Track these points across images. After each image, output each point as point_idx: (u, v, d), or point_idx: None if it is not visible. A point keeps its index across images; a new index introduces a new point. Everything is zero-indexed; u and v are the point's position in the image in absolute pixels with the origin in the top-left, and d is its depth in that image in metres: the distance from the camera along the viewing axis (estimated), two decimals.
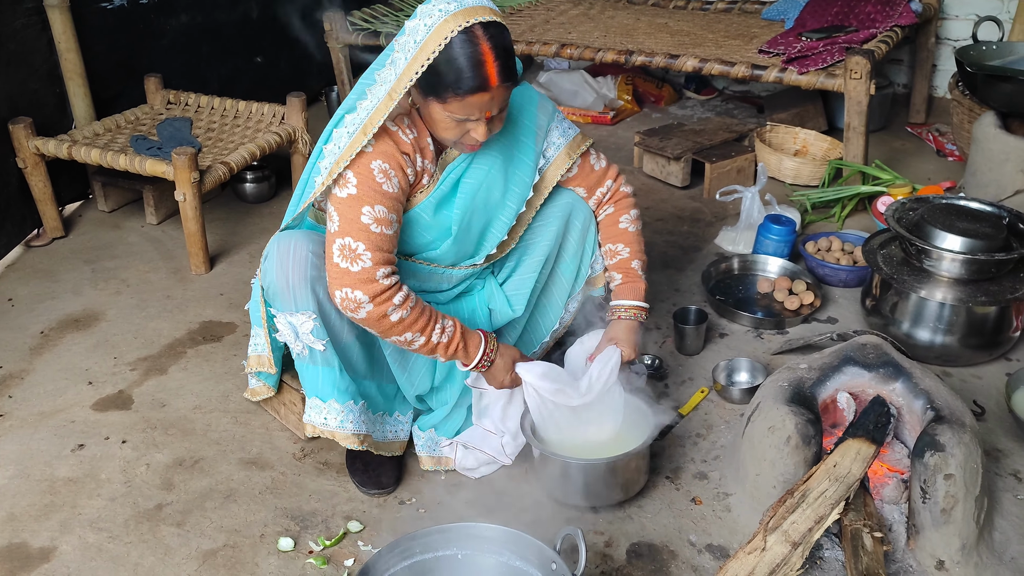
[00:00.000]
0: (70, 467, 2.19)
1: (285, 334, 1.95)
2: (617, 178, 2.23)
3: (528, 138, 2.04)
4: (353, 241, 1.83)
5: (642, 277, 2.22)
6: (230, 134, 3.35)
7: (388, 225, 1.87)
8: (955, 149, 3.84)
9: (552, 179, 2.12)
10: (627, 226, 2.22)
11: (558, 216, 2.20)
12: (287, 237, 1.91)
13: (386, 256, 1.88)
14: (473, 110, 1.78)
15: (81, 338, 2.71)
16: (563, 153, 2.10)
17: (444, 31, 1.71)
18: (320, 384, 1.99)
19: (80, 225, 3.37)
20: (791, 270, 2.91)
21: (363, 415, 2.04)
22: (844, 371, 2.10)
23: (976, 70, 2.99)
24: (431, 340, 1.93)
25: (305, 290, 1.88)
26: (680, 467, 2.18)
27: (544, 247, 2.20)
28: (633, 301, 2.19)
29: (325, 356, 1.96)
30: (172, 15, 3.60)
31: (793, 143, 3.79)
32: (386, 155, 1.86)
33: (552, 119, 2.08)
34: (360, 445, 2.03)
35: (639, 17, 4.27)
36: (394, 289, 1.88)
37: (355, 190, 1.84)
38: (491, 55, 1.72)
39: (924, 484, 1.84)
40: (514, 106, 2.01)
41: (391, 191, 1.87)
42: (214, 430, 2.32)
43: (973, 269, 2.40)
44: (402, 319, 1.88)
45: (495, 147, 1.99)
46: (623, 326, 2.17)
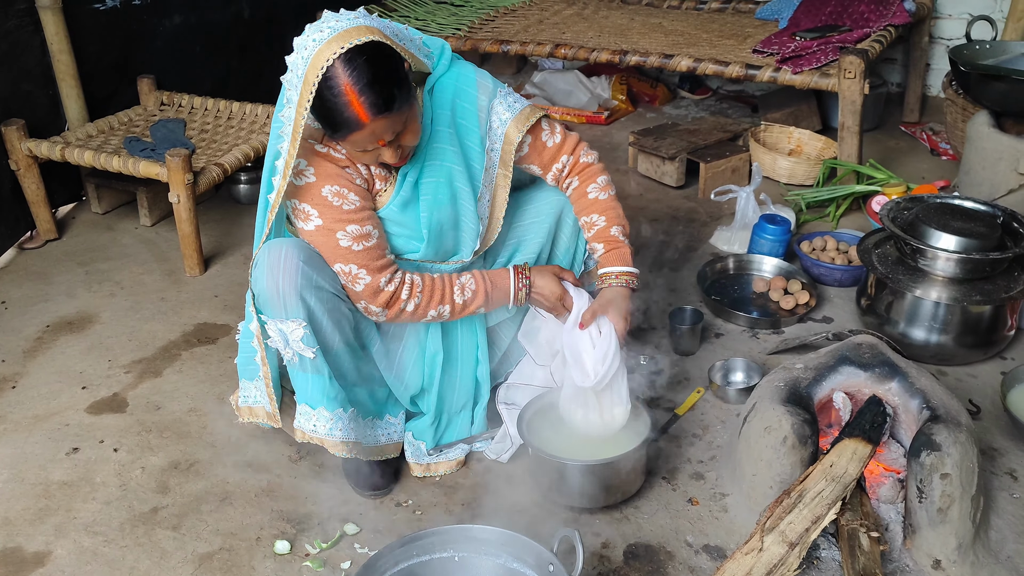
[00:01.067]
0: (65, 471, 2.19)
1: (276, 341, 1.94)
2: (574, 151, 2.14)
3: (470, 121, 1.99)
4: (344, 266, 1.91)
5: (626, 243, 2.15)
6: (224, 135, 3.34)
7: (368, 237, 1.91)
8: (949, 148, 3.85)
9: (508, 157, 2.04)
10: (597, 194, 2.15)
11: (549, 213, 2.21)
12: (277, 245, 1.89)
13: (380, 264, 1.93)
14: (364, 144, 1.79)
15: (75, 341, 2.70)
16: (511, 127, 2.02)
17: (317, 67, 1.68)
18: (310, 391, 1.98)
19: (73, 227, 3.36)
20: (786, 270, 2.91)
21: (352, 422, 2.03)
22: (840, 371, 2.11)
23: (970, 69, 3.00)
24: (457, 303, 2.02)
25: (295, 298, 1.87)
26: (677, 467, 2.17)
27: (535, 243, 2.21)
28: (622, 267, 2.12)
29: (315, 363, 1.94)
30: (165, 16, 3.59)
31: (787, 142, 3.80)
32: (330, 177, 1.88)
33: (494, 96, 2.01)
34: (348, 453, 2.02)
35: (633, 17, 4.26)
36: (399, 287, 1.95)
37: (320, 220, 1.89)
38: (353, 94, 1.69)
39: (920, 483, 1.84)
40: (450, 91, 1.97)
41: (353, 207, 1.90)
42: (209, 433, 2.31)
43: (968, 268, 2.40)
44: (418, 305, 1.98)
45: (443, 140, 1.96)
46: (614, 293, 2.10)
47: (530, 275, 2.09)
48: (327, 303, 1.91)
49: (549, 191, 2.22)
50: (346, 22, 1.72)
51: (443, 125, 1.97)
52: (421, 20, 4.19)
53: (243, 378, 2.15)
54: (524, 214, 2.23)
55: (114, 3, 3.38)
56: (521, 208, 2.23)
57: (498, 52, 3.86)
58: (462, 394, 2.22)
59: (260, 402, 2.12)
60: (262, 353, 2.02)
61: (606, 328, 2.05)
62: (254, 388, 2.12)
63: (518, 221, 2.23)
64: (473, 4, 4.48)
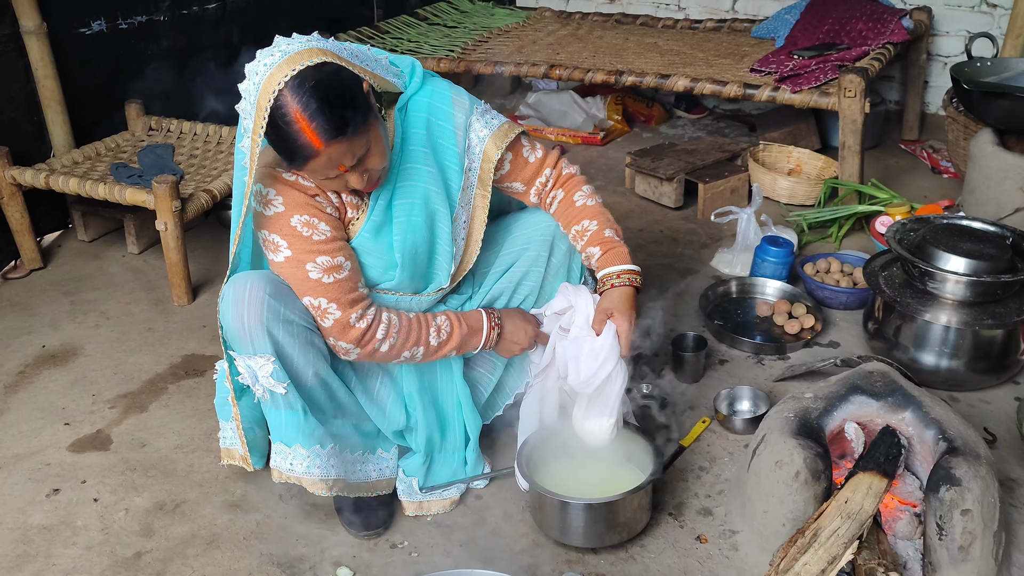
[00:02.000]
0: (44, 514, 2.09)
1: (245, 377, 1.86)
2: (556, 164, 2.08)
3: (446, 139, 1.93)
4: (313, 299, 1.84)
5: (621, 243, 2.06)
6: (213, 160, 3.27)
7: (339, 269, 1.84)
8: (950, 166, 3.80)
9: (488, 175, 1.97)
10: (584, 201, 2.07)
11: (539, 239, 2.14)
12: (242, 279, 1.82)
13: (351, 298, 1.86)
14: (324, 171, 1.71)
15: (58, 375, 2.61)
16: (490, 144, 1.96)
17: (268, 93, 1.62)
18: (284, 428, 1.89)
19: (59, 256, 3.28)
20: (790, 293, 2.84)
21: (332, 459, 1.93)
22: (851, 400, 2.03)
23: (972, 87, 2.94)
24: (431, 345, 1.97)
25: (261, 333, 1.78)
26: (683, 503, 2.09)
27: (525, 269, 2.15)
28: (622, 265, 2.02)
29: (287, 399, 1.86)
30: (152, 40, 3.53)
31: (787, 162, 3.74)
32: (299, 207, 1.81)
33: (470, 113, 1.94)
34: (329, 491, 1.93)
35: (628, 37, 4.22)
36: (373, 326, 1.88)
37: (289, 251, 1.82)
38: (304, 120, 1.62)
39: (940, 520, 1.76)
40: (424, 109, 1.90)
41: (324, 237, 1.82)
42: (196, 471, 2.22)
43: (978, 291, 2.33)
44: (392, 346, 1.91)
45: (417, 159, 1.90)
46: (618, 294, 1.99)
47: (500, 319, 2.07)
48: (297, 336, 1.83)
49: (539, 215, 2.14)
50: (297, 45, 1.67)
51: (417, 144, 1.90)
52: (414, 42, 4.14)
53: (220, 418, 2.08)
54: (514, 240, 2.15)
55: (100, 27, 3.32)
56: (511, 234, 2.16)
57: (492, 73, 3.81)
58: (450, 434, 2.14)
59: (231, 444, 2.06)
60: (231, 395, 1.95)
61: (606, 329, 1.95)
62: (229, 429, 2.05)
63: (508, 248, 2.15)
64: (466, 25, 4.43)
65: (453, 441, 2.14)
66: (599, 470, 2.08)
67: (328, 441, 1.93)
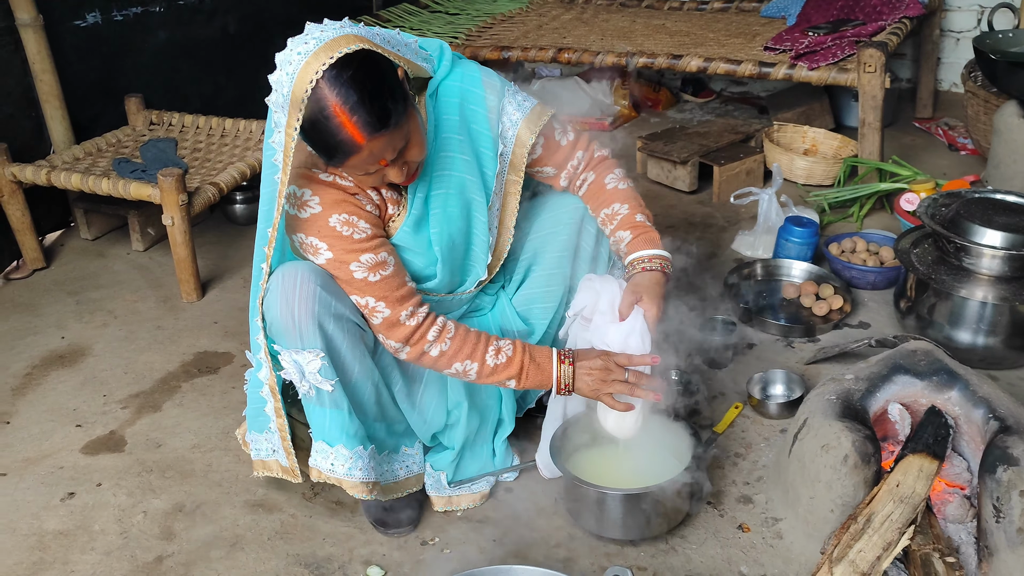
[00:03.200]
0: (60, 519, 2.01)
1: (290, 372, 1.78)
2: (589, 147, 2.01)
3: (480, 125, 1.83)
4: (361, 298, 1.76)
5: (652, 228, 1.98)
6: (218, 153, 3.18)
7: (384, 266, 1.75)
8: (968, 143, 3.73)
9: (520, 160, 1.88)
10: (616, 184, 2.00)
11: (567, 223, 2.04)
12: (291, 269, 1.73)
13: (400, 295, 1.76)
14: (364, 167, 1.62)
15: (67, 376, 2.53)
16: (523, 128, 1.86)
17: (303, 84, 1.52)
18: (328, 427, 1.81)
19: (62, 255, 3.20)
20: (816, 274, 2.77)
21: (372, 460, 1.86)
22: (894, 380, 1.96)
23: (999, 57, 2.86)
24: (487, 364, 1.82)
25: (311, 327, 1.71)
26: (722, 491, 2.02)
27: (555, 255, 2.04)
28: (652, 250, 1.94)
29: (333, 397, 1.78)
30: (148, 32, 3.44)
31: (802, 142, 3.66)
32: (337, 205, 1.72)
33: (503, 96, 1.85)
34: (369, 495, 1.86)
35: (635, 19, 4.14)
36: (426, 326, 1.78)
37: (330, 253, 1.73)
38: (344, 114, 1.53)
39: (997, 502, 1.69)
40: (458, 95, 1.81)
41: (364, 235, 1.73)
42: (215, 471, 2.14)
43: (1016, 266, 2.27)
44: (443, 352, 1.79)
45: (452, 147, 1.81)
46: (648, 278, 1.90)
47: (572, 353, 1.85)
48: (347, 332, 1.75)
49: (567, 198, 2.05)
50: (331, 32, 1.55)
51: (451, 132, 1.81)
52: (416, 30, 4.05)
53: (252, 430, 1.97)
54: (541, 224, 2.06)
55: (95, 19, 3.23)
56: (538, 218, 2.07)
57: (499, 59, 3.72)
58: (484, 427, 2.06)
59: (274, 455, 1.94)
60: (275, 404, 1.85)
61: (633, 313, 1.86)
62: (265, 440, 1.95)
63: (536, 232, 2.06)
64: (469, 12, 4.34)
65: (484, 432, 2.06)
66: (633, 459, 2.00)
67: (368, 443, 1.86)
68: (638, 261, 1.94)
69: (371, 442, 1.87)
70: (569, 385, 1.84)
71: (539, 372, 1.84)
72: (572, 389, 1.85)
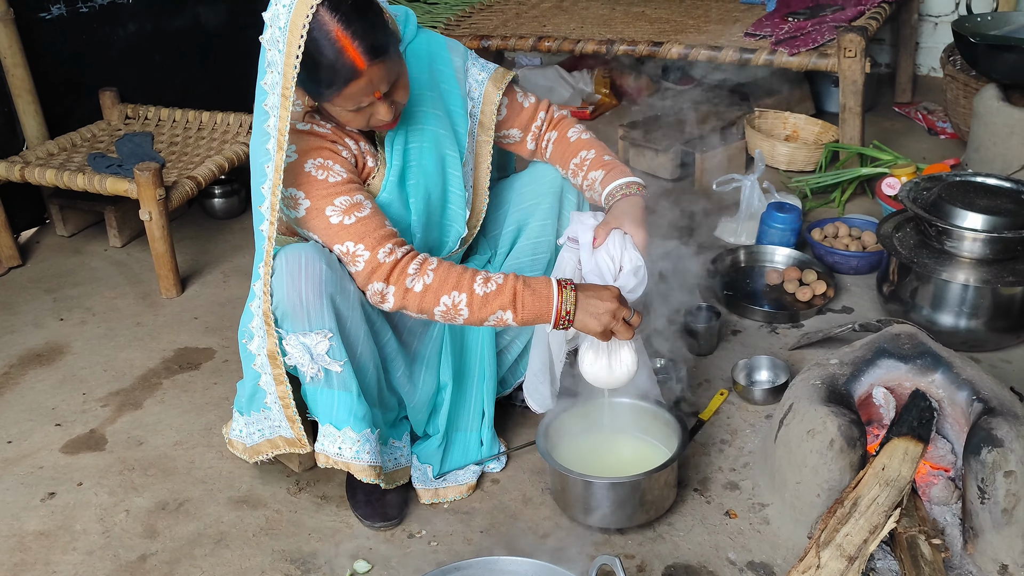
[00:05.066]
0: (41, 519, 1.99)
1: (296, 357, 1.76)
2: (549, 108, 2.07)
3: (450, 84, 1.91)
4: (340, 245, 1.74)
5: (622, 164, 1.99)
6: (195, 147, 3.15)
7: (359, 207, 1.74)
8: (947, 127, 3.74)
9: (489, 119, 1.96)
10: (579, 135, 2.04)
11: (548, 192, 2.08)
12: (295, 251, 1.73)
13: (379, 235, 1.73)
14: (359, 98, 1.64)
15: (45, 374, 2.49)
16: (490, 86, 1.96)
17: (303, 11, 1.54)
18: (335, 410, 1.80)
19: (38, 252, 3.15)
20: (799, 259, 2.77)
21: (377, 444, 1.86)
22: (878, 364, 1.96)
23: (979, 40, 2.87)
24: (476, 293, 1.70)
25: (320, 307, 1.70)
26: (708, 477, 2.02)
27: (539, 224, 2.08)
28: (627, 178, 1.93)
29: (342, 378, 1.77)
30: (118, 24, 3.37)
31: (783, 128, 3.66)
32: (312, 151, 1.74)
33: (466, 58, 1.96)
34: (377, 478, 1.85)
35: (615, 7, 4.11)
36: (405, 260, 1.73)
37: (308, 202, 1.73)
38: (347, 38, 1.57)
39: (982, 483, 1.69)
40: (426, 56, 1.89)
41: (340, 179, 1.74)
42: (198, 467, 2.12)
43: (998, 248, 2.27)
44: (427, 286, 1.72)
45: (426, 103, 1.86)
46: (626, 204, 1.88)
47: (575, 287, 1.73)
48: (355, 310, 1.76)
49: (544, 169, 2.10)
50: None
51: (423, 88, 1.87)
52: None
53: (245, 413, 1.95)
54: (522, 197, 2.11)
55: (60, 11, 3.17)
56: (519, 191, 2.12)
57: (478, 48, 3.69)
58: (471, 413, 2.05)
59: (278, 431, 1.90)
60: (276, 371, 1.80)
61: (627, 240, 1.83)
62: (258, 422, 1.93)
63: (518, 203, 2.11)
64: (447, 1, 4.31)
65: (470, 419, 2.05)
66: (620, 447, 2.01)
67: (375, 427, 1.85)
68: (615, 191, 1.94)
69: (376, 427, 1.86)
70: (571, 313, 1.71)
71: (536, 299, 1.71)
72: (572, 320, 1.72)
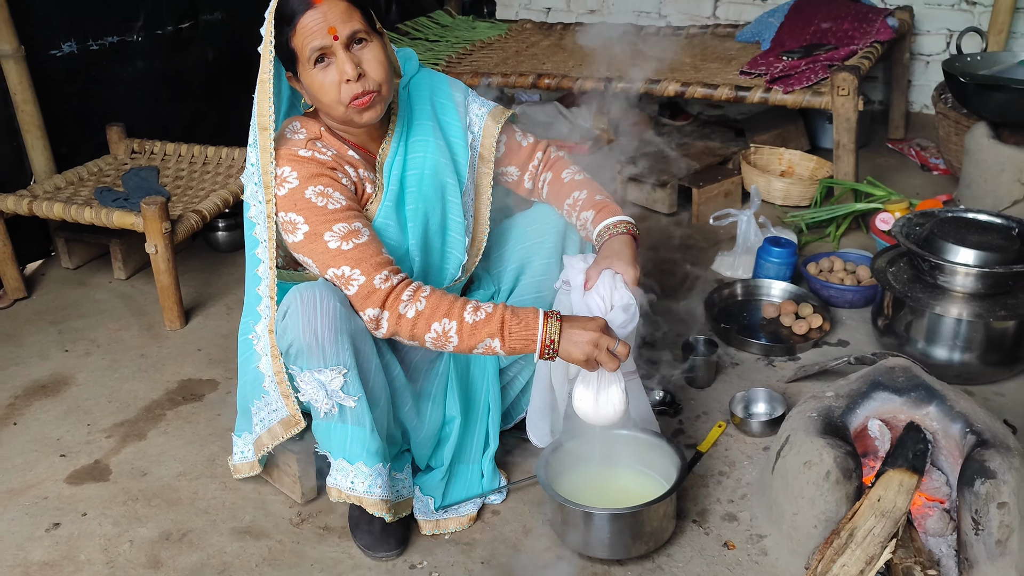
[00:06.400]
0: (45, 549, 2.00)
1: (310, 393, 1.80)
2: (547, 149, 2.14)
3: (449, 116, 2.00)
4: (336, 269, 1.78)
5: (613, 202, 2.03)
6: (200, 181, 3.20)
7: (357, 234, 1.79)
8: (940, 163, 3.80)
9: (489, 152, 2.04)
10: (572, 176, 2.10)
11: (552, 231, 2.14)
12: (308, 289, 1.77)
13: (374, 262, 1.78)
14: (315, 34, 1.72)
15: (50, 405, 2.52)
16: (489, 120, 2.03)
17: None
18: (349, 445, 1.83)
19: (44, 284, 3.18)
20: (795, 293, 2.81)
21: (388, 478, 1.89)
22: (874, 397, 1.99)
23: (969, 80, 2.94)
24: (465, 321, 1.75)
25: (335, 344, 1.74)
26: (706, 509, 2.04)
27: (542, 263, 2.13)
28: (617, 217, 1.97)
29: (356, 413, 1.80)
30: (127, 62, 3.44)
31: (778, 164, 3.72)
32: (312, 178, 1.80)
33: (467, 94, 2.05)
34: (387, 512, 1.88)
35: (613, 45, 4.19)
36: (400, 287, 1.79)
37: (306, 227, 1.79)
38: None
39: (976, 515, 1.72)
40: (426, 88, 1.99)
41: (339, 206, 1.80)
42: (202, 498, 2.14)
43: (990, 283, 2.31)
44: (419, 313, 1.77)
45: (426, 132, 1.95)
46: (616, 242, 1.92)
47: (560, 317, 1.79)
48: (367, 345, 1.81)
49: (548, 210, 2.15)
50: None
51: (424, 118, 1.95)
52: None
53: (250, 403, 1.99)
54: (526, 235, 2.17)
55: (71, 49, 3.24)
56: (523, 229, 2.18)
57: (479, 85, 3.77)
58: (474, 446, 2.09)
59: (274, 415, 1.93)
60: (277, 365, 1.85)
61: (617, 280, 1.86)
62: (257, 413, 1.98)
63: (522, 241, 2.17)
64: (448, 39, 4.40)
65: (472, 451, 2.08)
66: (619, 478, 2.03)
67: (387, 461, 1.88)
68: (604, 230, 1.99)
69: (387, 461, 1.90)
70: (555, 342, 1.76)
71: (523, 328, 1.75)
72: (557, 350, 1.77)
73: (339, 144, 1.88)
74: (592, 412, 1.87)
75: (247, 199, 1.86)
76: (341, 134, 1.90)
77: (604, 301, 1.87)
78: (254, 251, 1.87)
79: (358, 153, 1.91)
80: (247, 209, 1.87)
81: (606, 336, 1.77)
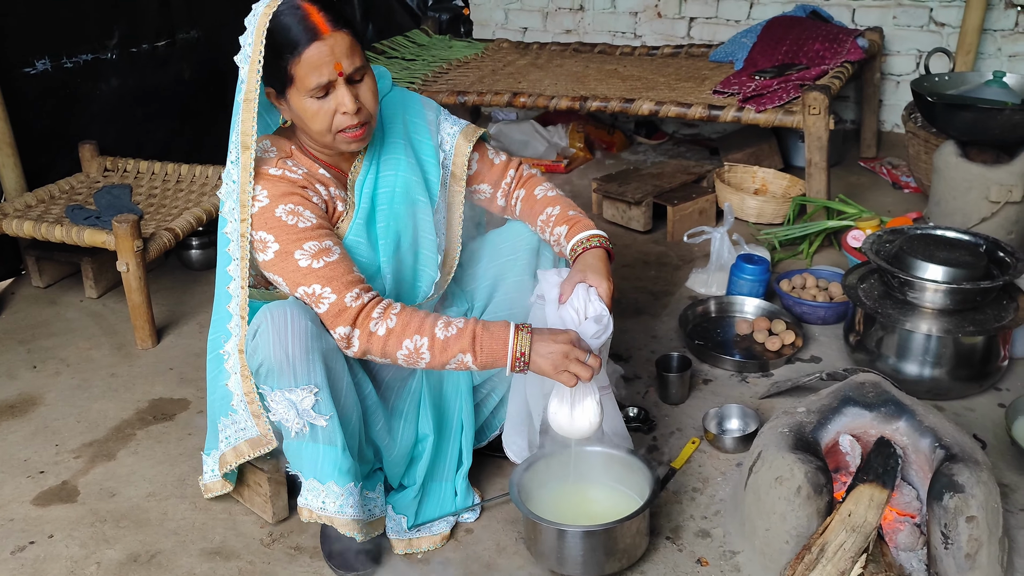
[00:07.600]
0: (11, 572, 1.97)
1: (280, 413, 1.79)
2: (519, 167, 2.15)
3: (421, 134, 2.00)
4: (307, 287, 1.78)
5: (586, 218, 2.04)
6: (173, 199, 3.18)
7: (328, 252, 1.79)
8: (911, 181, 3.85)
9: (461, 170, 2.04)
10: (545, 192, 2.10)
11: (525, 248, 2.14)
12: (279, 308, 1.76)
13: (345, 281, 1.78)
14: (321, 68, 1.71)
15: (18, 426, 2.48)
16: (460, 139, 2.04)
17: (268, 12, 1.71)
18: (320, 464, 1.82)
19: (13, 303, 3.15)
20: (768, 310, 2.83)
21: (360, 498, 1.88)
22: (844, 412, 2.00)
23: (937, 99, 2.98)
24: (437, 337, 1.76)
25: (306, 363, 1.74)
26: (680, 525, 2.04)
27: (515, 280, 2.13)
28: (589, 231, 1.98)
29: (327, 432, 1.79)
30: (101, 79, 3.43)
31: (752, 182, 3.76)
32: (283, 196, 1.80)
33: (439, 113, 2.05)
34: (359, 532, 1.86)
35: (588, 64, 4.23)
36: (371, 305, 1.79)
37: (277, 245, 1.78)
38: (313, 8, 1.71)
39: (945, 529, 1.73)
40: (399, 106, 1.99)
41: (309, 224, 1.79)
42: (171, 519, 2.11)
43: (958, 299, 2.34)
44: (390, 330, 1.77)
45: (398, 150, 1.95)
46: (589, 257, 1.93)
47: (531, 330, 1.80)
48: (339, 364, 1.80)
49: (522, 227, 2.15)
50: None
51: (396, 137, 1.96)
52: None
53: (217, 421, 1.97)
54: (499, 252, 2.17)
55: (44, 67, 3.22)
56: (497, 247, 2.18)
57: (455, 104, 3.78)
58: (447, 465, 2.07)
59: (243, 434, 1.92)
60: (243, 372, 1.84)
61: (590, 292, 1.87)
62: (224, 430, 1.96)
63: (495, 258, 2.17)
64: (425, 58, 4.41)
65: (445, 469, 2.07)
66: (593, 495, 2.02)
67: (358, 480, 1.87)
68: (577, 245, 1.99)
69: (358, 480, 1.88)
70: (525, 355, 1.76)
71: (493, 341, 1.76)
72: (528, 362, 1.77)
73: (310, 163, 1.88)
74: (567, 425, 1.88)
75: (224, 214, 1.85)
76: (313, 152, 1.90)
77: (578, 314, 1.87)
78: (226, 267, 1.86)
79: (329, 172, 1.90)
80: (223, 224, 1.86)
81: (577, 348, 1.77)
